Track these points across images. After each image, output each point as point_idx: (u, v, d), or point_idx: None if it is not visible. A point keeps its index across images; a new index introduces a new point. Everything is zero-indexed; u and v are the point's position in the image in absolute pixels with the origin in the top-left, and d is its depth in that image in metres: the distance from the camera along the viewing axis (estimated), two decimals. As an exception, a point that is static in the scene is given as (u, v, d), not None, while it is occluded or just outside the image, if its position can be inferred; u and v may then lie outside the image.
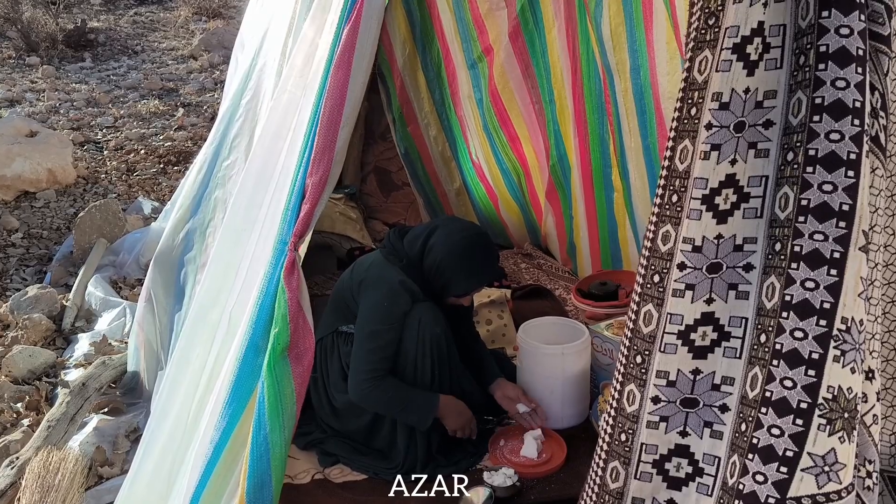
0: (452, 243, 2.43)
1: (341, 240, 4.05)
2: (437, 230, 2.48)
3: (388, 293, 2.42)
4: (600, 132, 3.57)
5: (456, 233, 2.45)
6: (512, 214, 4.42)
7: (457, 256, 2.42)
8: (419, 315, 2.44)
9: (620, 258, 3.77)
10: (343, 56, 1.66)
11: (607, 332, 2.85)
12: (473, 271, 2.46)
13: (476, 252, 2.44)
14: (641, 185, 3.33)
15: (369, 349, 2.38)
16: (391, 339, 2.40)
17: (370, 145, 4.56)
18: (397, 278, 2.44)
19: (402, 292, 2.42)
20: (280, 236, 1.77)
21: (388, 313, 2.41)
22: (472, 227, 2.51)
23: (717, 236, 1.39)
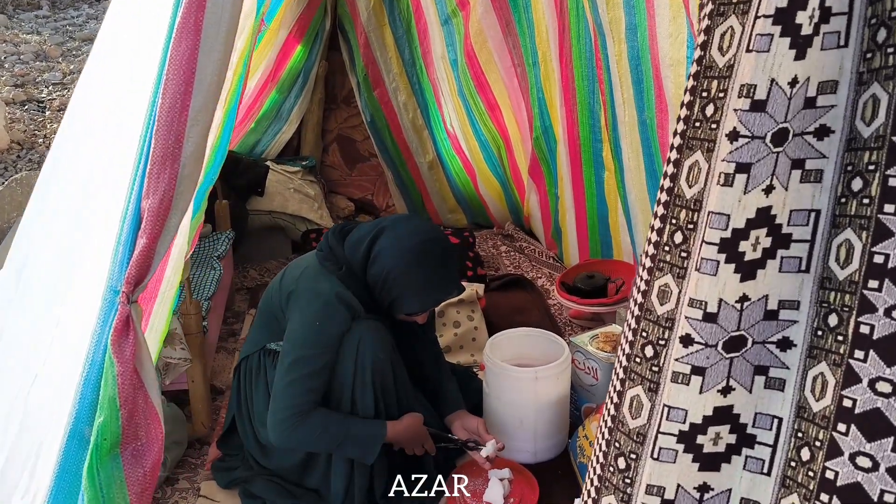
0: (402, 251, 1.96)
1: (295, 220, 3.58)
2: (384, 233, 2.00)
3: (320, 309, 1.96)
4: (590, 102, 3.09)
5: (406, 237, 1.98)
6: (491, 191, 3.95)
7: (407, 268, 1.95)
8: (358, 336, 1.98)
9: (611, 245, 3.32)
10: (188, 17, 1.13)
11: (591, 346, 2.41)
12: (427, 287, 1.99)
13: (430, 263, 1.97)
14: (636, 166, 2.85)
15: (291, 381, 1.93)
16: (321, 366, 1.95)
17: (332, 111, 4.06)
18: (333, 290, 1.97)
19: (339, 308, 1.96)
20: (110, 283, 1.27)
21: (319, 334, 1.96)
22: (427, 231, 2.03)
23: (741, 298, 0.94)
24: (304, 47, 3.79)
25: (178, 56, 1.11)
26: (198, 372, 2.36)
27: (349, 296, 1.98)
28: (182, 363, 2.27)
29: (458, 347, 2.87)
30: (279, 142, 3.96)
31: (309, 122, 4.00)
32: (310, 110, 3.96)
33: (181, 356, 2.26)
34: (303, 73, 3.83)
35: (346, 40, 3.86)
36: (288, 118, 3.92)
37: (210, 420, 2.45)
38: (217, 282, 2.76)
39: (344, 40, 3.87)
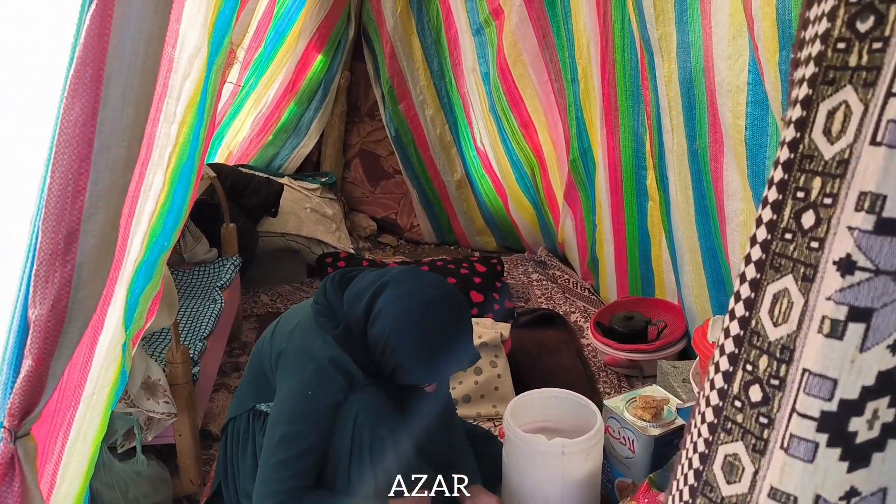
0: (404, 312, 1.68)
1: (310, 243, 3.33)
2: (386, 288, 1.72)
3: (312, 375, 1.70)
4: (634, 125, 2.78)
5: (410, 296, 1.70)
6: (524, 214, 3.66)
7: (410, 333, 1.67)
8: (356, 409, 1.72)
9: (653, 282, 3.00)
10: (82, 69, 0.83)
11: (627, 412, 2.10)
12: (433, 357, 1.71)
13: (438, 329, 1.69)
14: (684, 200, 2.53)
15: (280, 461, 1.67)
16: (313, 443, 1.69)
17: (354, 124, 3.80)
18: (327, 354, 1.71)
19: (333, 375, 1.70)
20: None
21: (310, 406, 1.70)
22: (436, 290, 1.73)
23: (849, 493, 0.64)
24: (325, 57, 3.55)
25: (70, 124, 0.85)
26: (185, 425, 2.13)
27: (346, 360, 1.71)
28: (166, 417, 2.04)
29: (479, 397, 2.59)
30: (298, 156, 3.72)
31: (329, 135, 3.75)
32: (330, 123, 3.71)
33: (164, 410, 2.02)
34: (323, 84, 3.59)
35: (371, 49, 3.60)
36: (307, 131, 3.68)
37: (200, 476, 2.22)
38: (216, 317, 2.52)
39: (368, 49, 3.62)
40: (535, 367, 2.85)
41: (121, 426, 2.02)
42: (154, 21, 0.86)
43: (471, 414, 2.55)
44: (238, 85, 3.39)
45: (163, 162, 0.98)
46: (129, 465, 2.01)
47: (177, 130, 0.98)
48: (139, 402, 1.99)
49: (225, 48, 1.07)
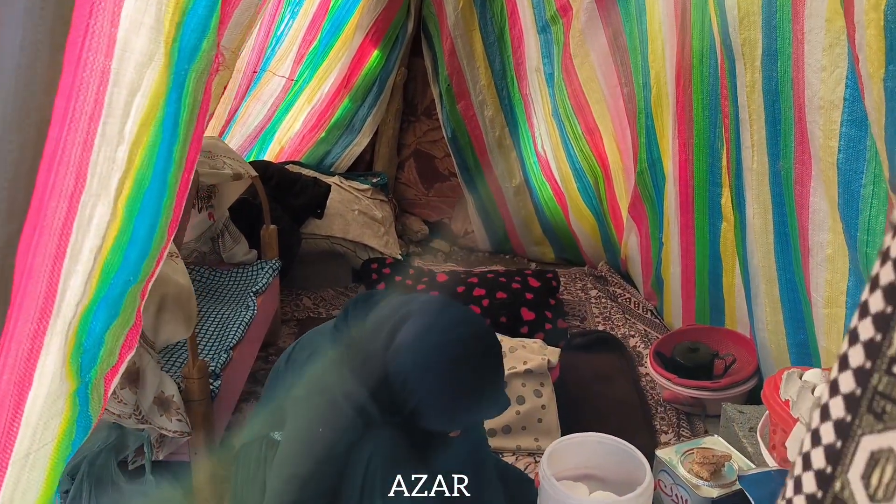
0: (425, 352, 1.49)
1: (356, 247, 3.18)
2: (408, 321, 1.54)
3: (325, 412, 1.53)
4: (710, 137, 2.52)
5: (432, 333, 1.50)
6: (585, 225, 3.42)
7: (429, 376, 1.48)
8: (369, 451, 1.54)
9: (722, 311, 2.73)
10: None
11: (682, 467, 1.87)
12: (454, 405, 1.51)
13: (460, 374, 1.49)
14: (762, 225, 2.26)
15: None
16: (323, 487, 1.53)
17: (410, 123, 3.63)
18: (342, 388, 1.53)
19: (347, 412, 1.53)
20: None
21: (321, 446, 1.53)
22: (462, 325, 1.54)
23: None
24: (382, 52, 3.38)
25: None
26: (200, 443, 2.00)
27: (362, 397, 1.54)
28: (179, 436, 1.92)
29: (520, 428, 2.38)
30: (350, 154, 3.58)
31: (384, 134, 3.59)
32: (385, 121, 3.55)
33: (177, 428, 1.90)
34: (379, 81, 3.43)
35: (430, 46, 3.42)
36: (361, 129, 3.53)
37: (216, 496, 2.09)
38: (247, 325, 2.40)
39: (427, 45, 3.44)
40: (586, 395, 2.63)
41: (133, 442, 1.91)
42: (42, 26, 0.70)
43: (510, 446, 2.35)
44: (291, 79, 3.26)
45: (107, 191, 0.82)
46: (137, 484, 1.89)
47: (126, 154, 0.83)
48: (151, 418, 1.87)
49: (205, 53, 0.90)
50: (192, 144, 1.01)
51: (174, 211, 1.02)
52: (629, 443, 2.34)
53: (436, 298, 1.58)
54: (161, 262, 1.12)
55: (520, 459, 2.33)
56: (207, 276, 2.71)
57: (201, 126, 1.04)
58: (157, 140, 0.85)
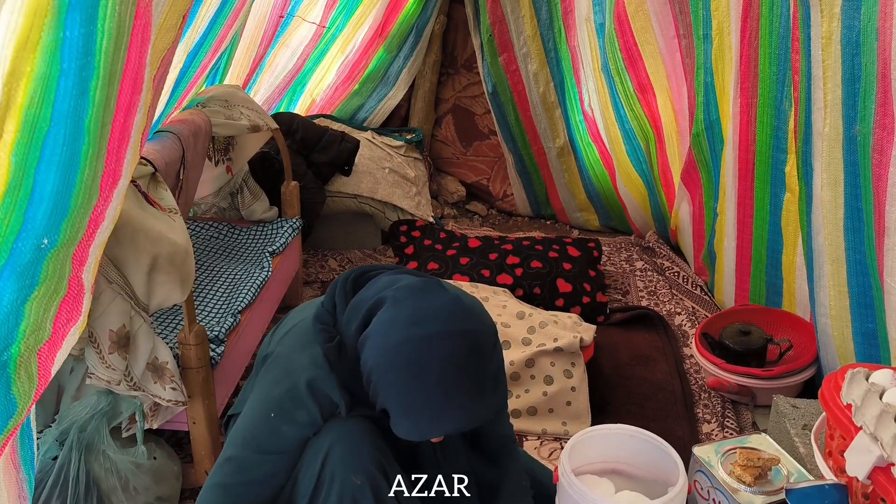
0: (390, 348, 1.25)
1: (385, 208, 3.00)
2: (383, 305, 1.31)
3: (281, 397, 1.35)
4: (776, 97, 2.26)
5: (403, 326, 1.25)
6: (633, 192, 3.18)
7: (390, 377, 1.26)
8: (327, 444, 1.34)
9: (780, 291, 2.48)
10: None
11: (721, 469, 1.66)
12: (418, 411, 1.25)
13: (423, 382, 1.24)
14: (832, 198, 1.99)
15: (218, 485, 1.36)
16: (261, 478, 1.36)
17: (449, 76, 3.41)
18: (307, 374, 1.34)
19: (306, 402, 1.33)
20: None
21: (268, 432, 1.36)
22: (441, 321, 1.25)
23: None
24: (419, -1, 3.16)
25: None
26: (199, 412, 1.88)
27: (328, 385, 1.34)
28: (173, 405, 1.79)
29: (547, 411, 2.20)
30: (384, 108, 3.39)
31: (420, 87, 3.38)
32: (421, 74, 3.33)
33: (171, 397, 1.78)
34: (415, 30, 3.21)
35: (472, -9, 3.18)
36: (395, 82, 3.32)
37: (216, 467, 1.97)
38: (259, 286, 2.26)
39: (469, -9, 3.20)
40: (622, 377, 2.42)
41: (125, 408, 1.80)
42: None
43: (535, 430, 2.17)
44: (322, 26, 3.07)
45: None
46: (128, 454, 1.78)
47: (1, 87, 0.65)
48: (144, 385, 1.75)
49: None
50: (125, 81, 0.83)
51: (105, 163, 0.85)
52: (667, 431, 2.14)
53: (420, 282, 1.34)
54: (103, 223, 0.95)
55: (545, 444, 2.15)
56: (225, 232, 2.58)
57: (140, 59, 0.85)
58: (50, 71, 0.67)
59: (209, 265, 2.39)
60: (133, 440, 1.83)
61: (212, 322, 2.07)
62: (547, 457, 2.11)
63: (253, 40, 2.68)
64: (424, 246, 2.91)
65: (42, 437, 1.77)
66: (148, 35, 0.85)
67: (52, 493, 1.70)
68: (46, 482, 1.71)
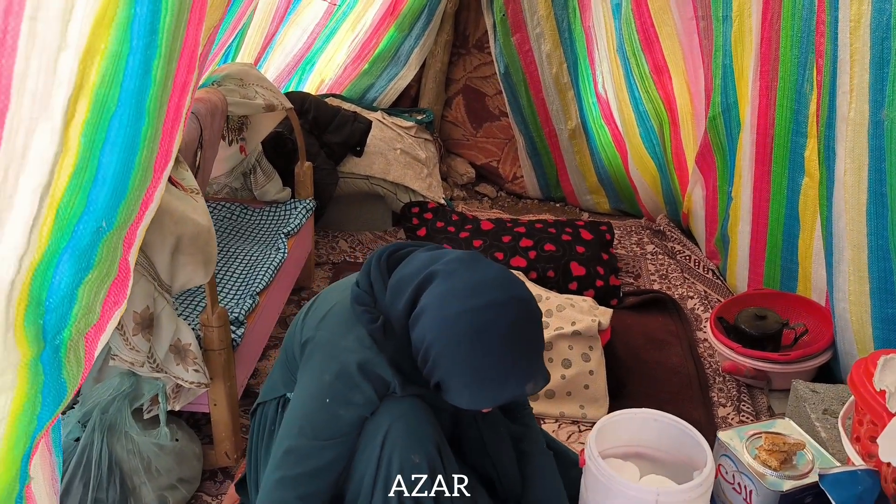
0: (450, 319, 1.28)
1: (397, 189, 2.98)
2: (434, 280, 1.32)
3: (334, 381, 1.35)
4: (797, 80, 2.25)
5: (460, 297, 1.28)
6: (645, 175, 3.16)
7: (454, 348, 1.28)
8: (386, 425, 1.36)
9: (795, 276, 2.48)
10: None
11: (747, 453, 1.66)
12: (481, 383, 1.30)
13: (490, 348, 1.27)
14: (855, 182, 1.99)
15: (283, 479, 1.36)
16: (324, 464, 1.36)
17: (460, 56, 3.37)
18: (357, 356, 1.35)
19: (360, 384, 1.34)
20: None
21: (327, 418, 1.36)
22: (495, 289, 1.30)
23: None
24: (431, -24, 3.11)
25: None
26: (221, 394, 1.88)
27: (380, 365, 1.35)
28: (196, 387, 1.78)
29: (565, 394, 2.20)
30: (395, 88, 3.35)
31: (431, 67, 3.34)
32: (433, 54, 3.29)
33: (194, 379, 1.77)
34: (427, 9, 3.16)
35: (486, -30, 3.14)
36: (406, 61, 3.28)
37: (237, 448, 1.97)
38: (277, 268, 2.25)
39: (483, -31, 3.15)
40: (637, 361, 2.43)
41: (147, 390, 1.79)
42: None
43: (553, 413, 2.18)
44: (334, 4, 3.02)
45: (48, 114, 0.63)
46: (150, 436, 1.77)
47: (77, 65, 0.63)
48: (167, 367, 1.74)
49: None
50: (182, 60, 0.81)
51: (160, 144, 0.83)
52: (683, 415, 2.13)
53: (466, 255, 1.37)
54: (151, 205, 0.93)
55: (563, 427, 2.16)
56: (238, 213, 2.56)
57: (196, 36, 0.83)
58: (121, 49, 0.65)
59: (224, 246, 2.37)
60: (154, 422, 1.82)
61: (231, 304, 2.06)
62: (565, 440, 2.11)
63: (265, 18, 2.65)
64: (437, 228, 2.90)
65: (65, 418, 1.76)
66: (204, 12, 0.83)
67: (74, 474, 1.70)
68: (69, 463, 1.70)
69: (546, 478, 1.60)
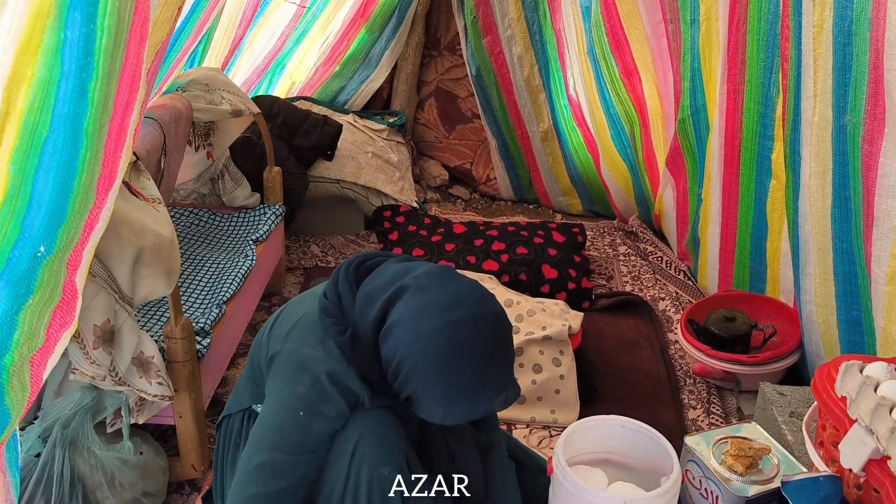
0: (424, 335, 1.27)
1: (368, 193, 2.96)
2: (405, 294, 1.32)
3: (306, 393, 1.34)
4: (764, 84, 2.26)
5: (432, 312, 1.28)
6: (617, 176, 3.17)
7: (427, 363, 1.27)
8: (356, 438, 1.35)
9: (764, 277, 2.50)
10: None
11: (713, 459, 1.67)
12: (453, 398, 1.30)
13: (464, 363, 1.27)
14: (820, 186, 2.00)
15: (252, 496, 1.34)
16: (296, 480, 1.35)
17: (431, 59, 3.35)
18: (325, 367, 1.33)
19: (331, 394, 1.33)
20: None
21: (298, 431, 1.34)
22: (468, 304, 1.29)
23: None
24: (402, -22, 3.10)
25: None
26: (186, 406, 1.85)
27: (349, 377, 1.34)
28: (160, 400, 1.76)
29: (536, 399, 2.20)
30: (366, 91, 3.33)
31: (402, 69, 3.33)
32: (404, 56, 3.28)
33: (158, 392, 1.74)
34: (398, 10, 3.15)
35: (456, -28, 3.12)
36: (378, 63, 3.26)
37: (203, 460, 1.95)
38: (244, 276, 2.22)
39: (453, -29, 3.14)
40: (609, 364, 2.43)
41: (110, 403, 1.76)
42: None
43: (524, 418, 2.17)
44: (303, 6, 2.99)
45: None
46: (114, 450, 1.75)
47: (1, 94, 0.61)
48: (130, 380, 1.71)
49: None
50: (123, 80, 0.79)
51: (102, 165, 0.81)
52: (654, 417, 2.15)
53: (438, 269, 1.36)
54: (98, 225, 0.91)
55: (534, 432, 2.15)
56: (206, 219, 2.53)
57: (138, 55, 0.81)
58: (50, 74, 0.63)
59: (191, 253, 2.34)
60: (118, 435, 1.79)
61: (196, 313, 2.03)
62: (536, 445, 2.11)
63: (232, 21, 2.61)
64: (409, 232, 2.88)
65: (25, 434, 1.72)
66: (146, 30, 0.81)
67: (35, 491, 1.67)
68: (30, 480, 1.67)
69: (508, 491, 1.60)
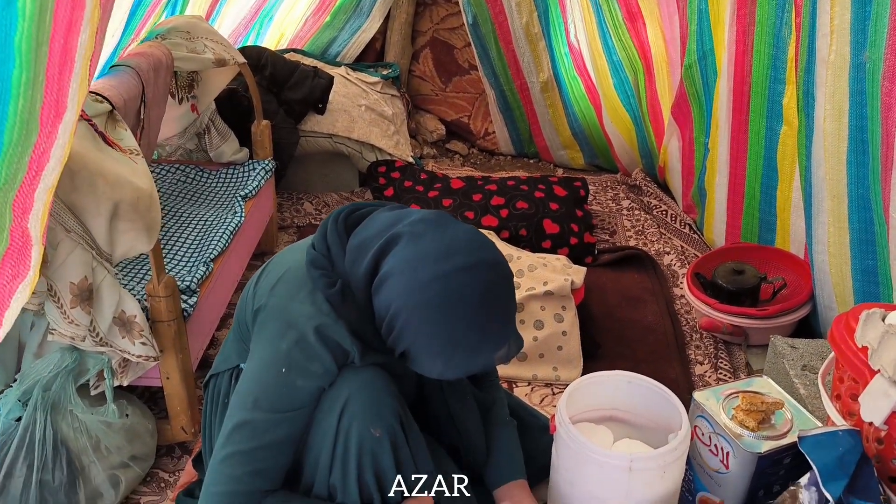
0: (419, 285, 1.19)
1: (362, 148, 2.86)
2: (398, 242, 1.23)
3: (291, 349, 1.26)
4: (776, 23, 2.15)
5: (428, 261, 1.19)
6: (619, 127, 3.06)
7: (422, 314, 1.19)
8: (345, 396, 1.28)
9: (773, 228, 2.41)
10: None
11: (724, 414, 1.59)
12: (451, 351, 1.22)
13: (462, 314, 1.19)
14: (835, 129, 1.90)
15: (233, 454, 1.27)
16: (279, 439, 1.28)
17: (426, 7, 3.22)
18: (313, 322, 1.25)
19: (318, 351, 1.25)
20: None
21: (282, 389, 1.27)
22: (465, 252, 1.20)
23: None
24: (394, -80, 2.95)
25: None
26: (173, 367, 1.78)
27: (338, 333, 1.26)
28: (144, 361, 1.68)
29: (538, 356, 2.12)
30: (358, 42, 3.20)
31: (396, 19, 3.19)
32: (397, 4, 3.15)
33: (141, 352, 1.67)
34: (390, -44, 3.01)
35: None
36: (370, 13, 3.13)
37: (193, 422, 1.88)
38: (232, 233, 2.13)
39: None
40: (612, 320, 2.35)
41: (92, 365, 1.68)
42: None
43: (525, 375, 2.10)
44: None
45: None
46: (98, 413, 1.68)
47: None
48: (111, 340, 1.64)
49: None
50: None
51: (45, 92, 0.71)
52: (660, 374, 2.08)
53: (433, 215, 1.27)
54: (49, 163, 0.81)
55: (535, 390, 2.09)
56: (193, 175, 2.43)
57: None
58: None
59: (177, 211, 2.25)
60: (102, 398, 1.72)
61: (182, 272, 1.95)
62: (538, 403, 2.04)
63: (215, -33, 2.49)
64: (405, 187, 2.79)
65: (3, 397, 1.65)
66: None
67: (17, 455, 1.60)
68: (11, 444, 1.60)
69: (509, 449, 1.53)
